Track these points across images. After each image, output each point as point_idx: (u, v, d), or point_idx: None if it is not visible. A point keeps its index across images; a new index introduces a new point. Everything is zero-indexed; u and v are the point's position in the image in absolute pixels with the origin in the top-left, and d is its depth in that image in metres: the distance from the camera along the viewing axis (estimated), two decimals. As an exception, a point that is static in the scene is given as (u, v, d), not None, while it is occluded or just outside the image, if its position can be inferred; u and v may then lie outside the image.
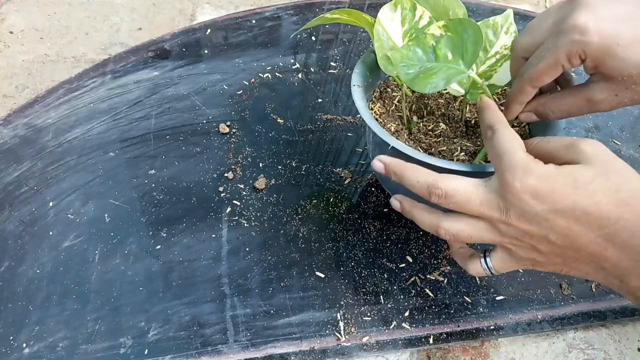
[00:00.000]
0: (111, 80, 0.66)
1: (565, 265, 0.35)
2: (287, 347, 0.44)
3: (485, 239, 0.35)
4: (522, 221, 0.33)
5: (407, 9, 0.44)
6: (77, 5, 0.80)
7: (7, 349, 0.43)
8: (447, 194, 0.35)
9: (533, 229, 0.33)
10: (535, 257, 0.35)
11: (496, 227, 0.34)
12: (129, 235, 0.50)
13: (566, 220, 0.32)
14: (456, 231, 0.36)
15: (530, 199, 0.32)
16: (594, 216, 0.31)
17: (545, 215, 0.32)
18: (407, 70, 0.41)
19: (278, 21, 0.75)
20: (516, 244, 0.35)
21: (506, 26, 0.43)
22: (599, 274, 0.34)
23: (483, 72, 0.44)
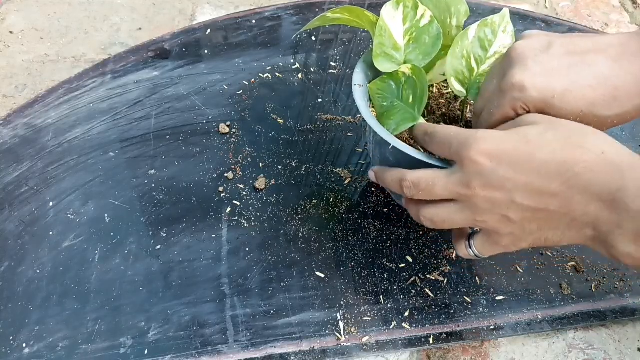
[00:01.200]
0: (111, 80, 0.66)
1: (542, 232, 0.34)
2: (287, 347, 0.44)
3: (457, 221, 0.36)
4: (487, 189, 0.34)
5: (409, 7, 0.45)
6: (77, 5, 0.80)
7: (7, 349, 0.43)
8: (414, 184, 0.37)
9: (498, 194, 0.33)
10: (511, 229, 0.35)
11: (465, 205, 0.35)
12: (129, 235, 0.50)
13: (527, 175, 0.32)
14: (431, 216, 0.38)
15: (488, 163, 0.33)
16: (552, 165, 0.32)
17: (506, 175, 0.33)
18: (381, 102, 0.45)
19: (278, 21, 0.75)
20: (488, 220, 0.35)
21: (503, 25, 0.44)
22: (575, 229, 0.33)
23: (484, 72, 0.44)
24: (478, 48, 0.44)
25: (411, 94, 0.43)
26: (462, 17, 0.45)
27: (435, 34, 0.44)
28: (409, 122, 0.42)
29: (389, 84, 0.45)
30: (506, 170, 0.33)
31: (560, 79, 0.35)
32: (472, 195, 0.34)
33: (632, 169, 0.31)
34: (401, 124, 0.42)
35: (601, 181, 0.31)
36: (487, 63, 0.44)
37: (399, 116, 0.43)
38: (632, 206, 0.30)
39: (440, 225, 0.38)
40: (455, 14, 0.45)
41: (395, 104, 0.44)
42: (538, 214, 0.33)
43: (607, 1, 0.86)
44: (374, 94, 0.45)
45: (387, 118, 0.43)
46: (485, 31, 0.44)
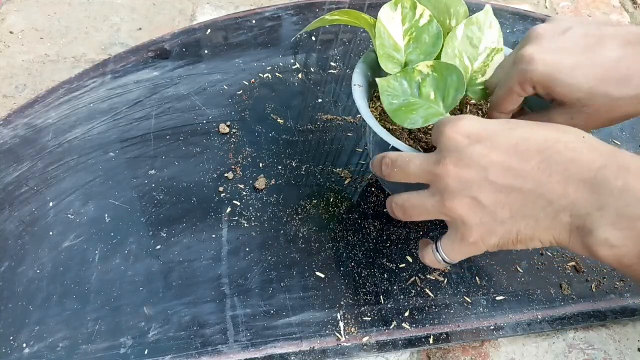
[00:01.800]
0: (111, 80, 0.66)
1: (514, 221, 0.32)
2: (287, 347, 0.44)
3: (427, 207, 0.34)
4: (459, 165, 0.32)
5: (407, 7, 0.45)
6: (77, 5, 0.80)
7: (7, 349, 0.43)
8: (392, 160, 0.36)
9: (470, 172, 0.32)
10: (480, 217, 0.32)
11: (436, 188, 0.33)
12: (129, 235, 0.50)
13: (503, 152, 0.31)
14: (402, 201, 0.36)
15: (464, 139, 0.32)
16: (532, 141, 0.31)
17: (482, 152, 0.32)
18: (390, 99, 0.43)
19: (278, 21, 0.75)
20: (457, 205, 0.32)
21: (488, 21, 0.45)
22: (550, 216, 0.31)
23: (478, 69, 0.44)
24: (469, 46, 0.44)
25: (432, 90, 0.42)
26: (461, 18, 0.46)
27: (435, 33, 0.44)
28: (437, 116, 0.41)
29: (400, 82, 0.44)
30: (482, 147, 0.32)
31: (571, 56, 0.35)
32: (444, 174, 0.32)
33: (613, 151, 0.30)
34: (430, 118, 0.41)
35: (582, 160, 0.30)
36: (479, 59, 0.44)
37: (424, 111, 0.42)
38: (615, 184, 0.28)
39: (410, 212, 0.36)
40: (454, 15, 0.45)
41: (413, 101, 0.43)
42: (511, 195, 0.31)
43: (607, 1, 0.86)
44: (383, 91, 0.44)
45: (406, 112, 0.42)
46: (472, 29, 0.44)
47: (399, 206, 0.36)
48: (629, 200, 0.28)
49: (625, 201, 0.28)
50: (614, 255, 0.29)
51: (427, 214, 0.35)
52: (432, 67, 0.43)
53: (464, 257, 0.36)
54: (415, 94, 0.43)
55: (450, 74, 0.41)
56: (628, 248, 0.28)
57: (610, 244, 0.28)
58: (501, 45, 0.44)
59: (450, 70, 0.41)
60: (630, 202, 0.28)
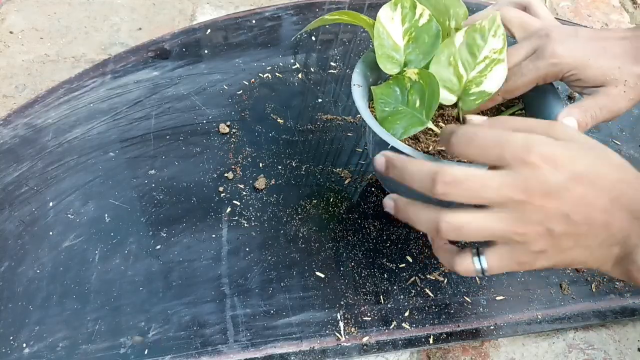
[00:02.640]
0: (111, 80, 0.66)
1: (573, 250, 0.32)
2: (287, 347, 0.44)
3: (494, 231, 0.32)
4: (545, 197, 0.31)
5: (407, 7, 0.44)
6: (77, 5, 0.80)
7: (7, 349, 0.43)
8: (456, 179, 0.32)
9: (553, 204, 0.31)
10: (545, 245, 0.32)
11: (510, 213, 0.32)
12: (129, 235, 0.50)
13: (584, 186, 0.31)
14: (461, 224, 0.32)
15: (549, 168, 0.31)
16: (604, 179, 0.32)
17: (567, 185, 0.31)
18: (383, 107, 0.44)
19: (278, 21, 0.75)
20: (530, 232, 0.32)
21: (494, 29, 0.42)
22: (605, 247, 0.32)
23: (474, 79, 0.43)
24: (467, 54, 0.43)
25: (418, 98, 0.42)
26: (461, 20, 0.45)
27: (434, 33, 0.44)
28: (418, 127, 0.41)
29: (393, 90, 0.44)
30: (568, 179, 0.31)
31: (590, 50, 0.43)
32: (526, 202, 0.31)
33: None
34: (409, 129, 0.41)
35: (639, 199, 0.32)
36: (476, 69, 0.43)
37: (406, 121, 0.42)
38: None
39: (467, 235, 0.32)
40: (453, 16, 0.45)
41: (400, 109, 0.43)
42: (581, 228, 0.32)
43: (607, 1, 0.86)
44: (377, 99, 0.44)
45: (392, 123, 0.43)
46: (474, 36, 0.43)
47: (454, 228, 0.32)
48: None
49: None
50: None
51: (489, 237, 0.33)
52: (419, 75, 0.43)
53: (504, 271, 0.35)
54: (404, 101, 0.44)
55: (430, 83, 0.41)
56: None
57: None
58: (504, 56, 0.42)
59: (430, 79, 0.41)
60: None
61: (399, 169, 0.35)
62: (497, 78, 0.43)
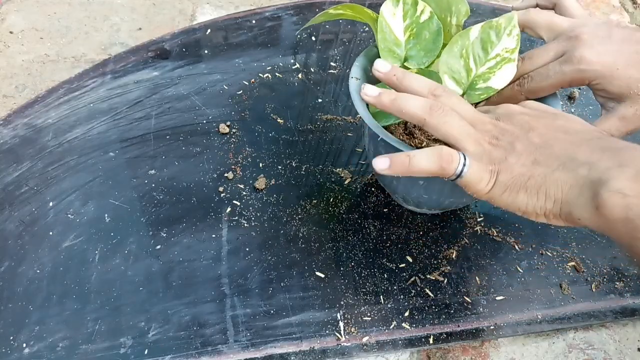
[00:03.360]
0: (111, 80, 0.66)
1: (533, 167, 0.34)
2: (287, 347, 0.44)
3: (469, 131, 0.37)
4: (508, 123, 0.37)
5: (408, 4, 0.45)
6: (77, 5, 0.80)
7: (7, 349, 0.43)
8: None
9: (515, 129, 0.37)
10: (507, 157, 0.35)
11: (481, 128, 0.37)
12: (129, 235, 0.50)
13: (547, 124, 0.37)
14: (450, 109, 0.37)
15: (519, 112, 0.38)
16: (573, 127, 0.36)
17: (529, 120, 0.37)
18: None
19: (278, 21, 0.75)
20: (493, 142, 0.36)
21: (509, 28, 0.43)
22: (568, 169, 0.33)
23: (482, 74, 0.44)
24: (479, 49, 0.44)
25: None
26: (462, 17, 0.46)
27: (435, 30, 0.44)
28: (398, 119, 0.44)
29: None
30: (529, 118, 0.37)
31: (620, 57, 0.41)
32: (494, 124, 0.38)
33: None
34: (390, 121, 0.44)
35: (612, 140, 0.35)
36: (486, 65, 0.44)
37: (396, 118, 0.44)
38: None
39: (448, 119, 0.37)
40: (455, 13, 0.45)
41: None
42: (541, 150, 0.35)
43: (607, 1, 0.86)
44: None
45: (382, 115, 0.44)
46: (489, 33, 0.44)
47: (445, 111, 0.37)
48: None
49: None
50: (623, 205, 0.30)
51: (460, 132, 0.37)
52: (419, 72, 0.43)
53: (476, 179, 0.36)
54: None
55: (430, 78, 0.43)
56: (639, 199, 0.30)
57: (623, 193, 0.30)
58: (515, 56, 0.43)
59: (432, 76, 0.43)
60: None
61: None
62: (505, 76, 0.44)
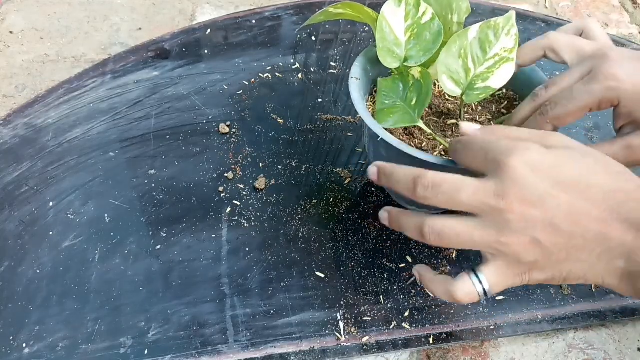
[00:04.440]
0: (111, 80, 0.66)
1: (568, 263, 0.31)
2: (287, 347, 0.44)
3: (475, 238, 0.32)
4: (525, 204, 0.30)
5: (411, 4, 0.45)
6: (77, 5, 0.80)
7: (7, 349, 0.43)
8: (434, 183, 0.33)
9: (536, 212, 0.30)
10: (535, 257, 0.31)
11: (492, 221, 0.31)
12: (129, 235, 0.50)
13: (571, 195, 0.30)
14: (441, 228, 0.32)
15: (531, 174, 0.30)
16: (597, 188, 0.30)
17: (550, 191, 0.30)
18: (384, 100, 0.45)
19: (278, 21, 0.75)
20: (515, 242, 0.31)
21: (507, 28, 0.43)
22: (605, 261, 0.30)
23: (481, 74, 0.44)
24: (478, 49, 0.44)
25: (415, 96, 0.43)
26: (463, 14, 0.46)
27: (436, 31, 0.44)
28: (407, 123, 0.42)
29: (397, 85, 0.45)
30: (551, 186, 0.30)
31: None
32: (506, 210, 0.30)
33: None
34: (399, 122, 0.43)
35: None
36: (485, 65, 0.44)
37: (399, 116, 0.43)
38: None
39: (447, 240, 0.33)
40: (456, 11, 0.45)
41: (398, 104, 0.44)
42: (573, 240, 0.30)
43: (607, 1, 0.86)
44: (380, 91, 0.45)
45: (386, 115, 0.44)
46: (487, 33, 0.43)
47: (436, 232, 0.33)
48: None
49: None
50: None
51: (471, 244, 0.32)
52: (420, 74, 0.43)
53: (506, 287, 0.34)
54: (403, 97, 0.44)
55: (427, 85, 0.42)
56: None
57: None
58: (514, 55, 0.43)
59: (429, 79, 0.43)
60: None
61: (388, 175, 0.36)
62: (504, 76, 0.43)
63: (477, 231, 0.32)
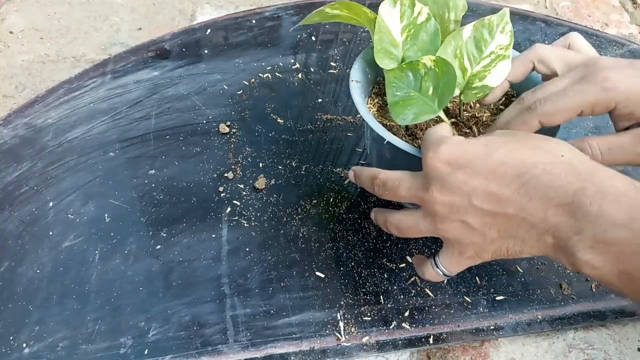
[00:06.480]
0: (111, 80, 0.66)
1: (503, 240, 0.33)
2: (287, 347, 0.44)
3: (421, 228, 0.36)
4: (444, 192, 0.34)
5: (406, 5, 0.45)
6: (77, 5, 0.80)
7: (7, 349, 0.43)
8: (383, 183, 0.38)
9: (455, 198, 0.33)
10: (472, 238, 0.34)
11: (427, 211, 0.35)
12: (129, 235, 0.50)
13: (483, 178, 0.32)
14: (397, 221, 0.38)
15: (445, 167, 0.34)
16: (509, 166, 0.32)
17: (463, 178, 0.33)
18: (395, 91, 0.44)
19: (278, 21, 0.75)
20: (449, 228, 0.35)
21: (502, 25, 0.43)
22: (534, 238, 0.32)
23: (477, 73, 0.44)
24: (473, 48, 0.43)
25: (431, 86, 0.42)
26: (460, 12, 0.46)
27: (432, 31, 0.44)
28: (429, 114, 0.41)
29: (406, 74, 0.43)
30: (463, 174, 0.33)
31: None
32: (431, 200, 0.34)
33: (590, 173, 0.31)
34: (420, 115, 0.41)
35: (559, 184, 0.31)
36: (481, 63, 0.44)
37: (417, 107, 0.42)
38: (591, 209, 0.29)
39: (406, 232, 0.38)
40: (453, 9, 0.45)
41: (412, 95, 0.43)
42: (497, 218, 0.33)
43: (607, 1, 0.86)
44: (389, 83, 0.44)
45: (403, 107, 0.42)
46: (482, 31, 0.43)
47: (395, 226, 0.39)
48: (604, 225, 0.29)
49: (601, 227, 0.29)
50: (597, 275, 0.30)
51: (422, 234, 0.37)
52: (435, 62, 0.42)
53: (462, 269, 0.38)
54: (417, 87, 0.43)
55: (447, 73, 0.41)
56: (607, 269, 0.30)
57: (591, 265, 0.30)
58: (509, 53, 0.43)
59: (448, 68, 0.41)
60: (606, 227, 0.29)
61: (357, 177, 0.42)
62: (501, 73, 0.43)
63: (420, 222, 0.36)
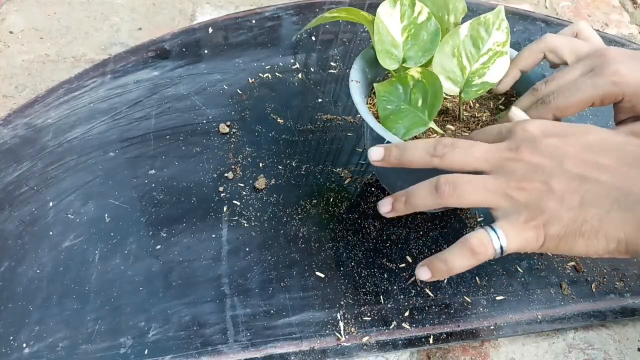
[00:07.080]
0: (111, 80, 0.66)
1: (584, 209, 0.30)
2: (287, 347, 0.44)
3: (489, 186, 0.32)
4: (535, 153, 0.32)
5: (406, 5, 0.45)
6: (77, 5, 0.80)
7: (7, 349, 0.43)
8: (453, 143, 0.34)
9: (545, 160, 0.32)
10: (548, 202, 0.31)
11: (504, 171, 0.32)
12: (129, 235, 0.50)
13: (579, 148, 0.32)
14: (456, 177, 0.33)
15: (539, 132, 0.33)
16: (605, 142, 0.32)
17: (557, 144, 0.32)
18: (385, 105, 0.44)
19: (278, 21, 0.75)
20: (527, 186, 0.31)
21: (498, 22, 0.44)
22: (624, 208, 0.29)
23: (476, 70, 0.44)
24: (471, 46, 0.44)
25: (420, 97, 0.42)
26: (460, 14, 0.46)
27: (433, 31, 0.44)
28: (420, 127, 0.41)
29: (396, 87, 0.44)
30: (558, 140, 0.32)
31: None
32: (517, 158, 0.32)
33: None
34: (411, 128, 0.41)
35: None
36: (479, 61, 0.44)
37: (408, 120, 0.42)
38: None
39: (461, 189, 0.32)
40: (452, 11, 0.46)
41: (403, 108, 0.43)
42: (585, 184, 0.30)
43: (607, 1, 0.86)
44: (380, 96, 0.44)
45: (393, 122, 0.42)
46: (478, 29, 0.44)
47: (451, 182, 0.33)
48: None
49: None
50: None
51: (483, 196, 0.32)
52: (422, 74, 0.43)
53: (522, 245, 0.32)
54: (407, 100, 0.44)
55: (433, 84, 0.42)
56: None
57: None
58: (507, 49, 0.44)
59: (434, 79, 0.42)
60: None
61: (401, 149, 0.36)
62: (499, 70, 0.44)
63: (489, 181, 0.32)
